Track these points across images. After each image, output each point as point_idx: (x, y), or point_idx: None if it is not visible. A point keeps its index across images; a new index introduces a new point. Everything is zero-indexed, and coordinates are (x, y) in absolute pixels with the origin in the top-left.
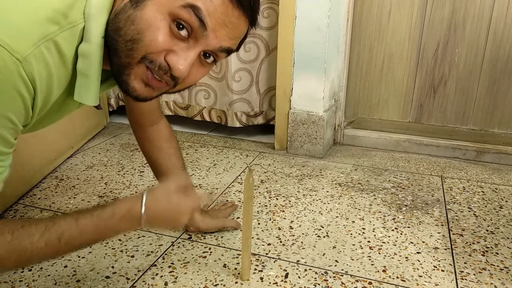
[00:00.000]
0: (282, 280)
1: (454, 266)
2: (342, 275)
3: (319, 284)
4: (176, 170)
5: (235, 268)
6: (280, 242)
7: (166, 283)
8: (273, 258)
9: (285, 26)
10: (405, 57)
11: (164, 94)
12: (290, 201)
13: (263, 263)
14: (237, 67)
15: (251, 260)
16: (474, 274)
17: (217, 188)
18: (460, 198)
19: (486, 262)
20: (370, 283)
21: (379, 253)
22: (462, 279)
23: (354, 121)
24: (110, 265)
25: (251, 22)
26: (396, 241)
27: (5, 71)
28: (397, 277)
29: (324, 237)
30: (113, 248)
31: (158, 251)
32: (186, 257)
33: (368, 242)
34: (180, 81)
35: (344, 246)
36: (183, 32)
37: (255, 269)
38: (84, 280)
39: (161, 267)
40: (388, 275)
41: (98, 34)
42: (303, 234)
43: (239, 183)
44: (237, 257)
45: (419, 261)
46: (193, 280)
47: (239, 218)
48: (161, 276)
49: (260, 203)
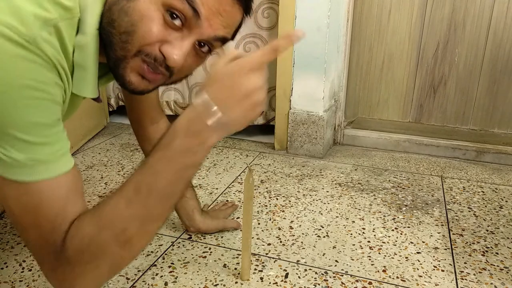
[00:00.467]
0: (282, 280)
1: (454, 266)
2: (342, 275)
3: (319, 284)
4: None
5: (235, 268)
6: (280, 242)
7: (166, 283)
8: (273, 258)
9: (285, 26)
10: (405, 57)
11: (165, 92)
12: (290, 201)
13: (263, 263)
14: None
15: (251, 260)
16: (474, 274)
17: (217, 188)
18: (460, 198)
19: (486, 262)
20: (370, 283)
21: (379, 253)
22: (462, 279)
23: (354, 121)
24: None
25: (245, 10)
26: (396, 241)
27: (17, 50)
28: (397, 277)
29: (324, 237)
30: None
31: (158, 251)
32: (186, 257)
33: (368, 242)
34: (175, 71)
35: (344, 246)
36: (177, 22)
37: (255, 269)
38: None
39: (161, 267)
40: (388, 275)
41: (93, 25)
42: (303, 234)
43: (239, 183)
44: (237, 257)
45: (419, 261)
46: (193, 280)
47: (239, 218)
48: (161, 276)
49: (260, 203)
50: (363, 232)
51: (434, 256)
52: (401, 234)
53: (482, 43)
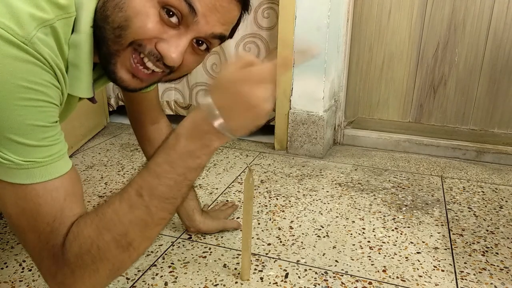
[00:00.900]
0: (282, 280)
1: (454, 266)
2: (342, 275)
3: (319, 284)
4: None
5: (235, 268)
6: (280, 242)
7: (166, 283)
8: (273, 258)
9: (285, 26)
10: (405, 57)
11: (165, 92)
12: (290, 201)
13: (263, 263)
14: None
15: (251, 260)
16: (474, 274)
17: (217, 188)
18: (460, 198)
19: (486, 262)
20: (370, 283)
21: (379, 253)
22: (462, 279)
23: (354, 121)
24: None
25: (243, 6)
26: (396, 241)
27: (14, 51)
28: (397, 277)
29: (324, 237)
30: None
31: (158, 251)
32: (186, 257)
33: (368, 242)
34: (174, 69)
35: (344, 246)
36: (173, 19)
37: (255, 269)
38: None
39: (161, 267)
40: (388, 275)
41: (87, 23)
42: (303, 234)
43: (239, 183)
44: (237, 257)
45: (419, 261)
46: (193, 280)
47: (239, 218)
48: (161, 276)
49: (260, 203)
50: (363, 232)
51: (434, 256)
52: (401, 234)
53: (482, 43)
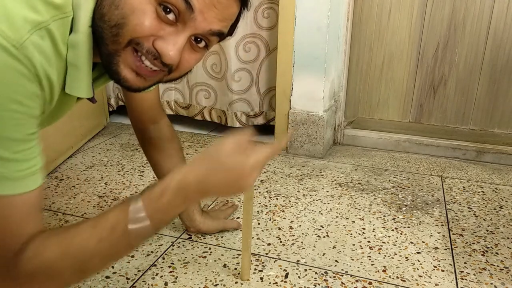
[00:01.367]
0: (282, 280)
1: (454, 266)
2: (342, 275)
3: (319, 284)
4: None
5: (235, 268)
6: (280, 242)
7: (166, 283)
8: (273, 258)
9: (285, 26)
10: (405, 57)
11: (166, 92)
12: (290, 201)
13: (263, 263)
14: (237, 67)
15: (251, 260)
16: (474, 274)
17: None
18: (460, 198)
19: (486, 262)
20: (370, 283)
21: (379, 253)
22: (462, 279)
23: (354, 121)
24: (110, 265)
25: (243, 3)
26: (396, 241)
27: (2, 57)
28: (397, 277)
29: (324, 237)
30: None
31: (158, 251)
32: (186, 257)
33: (368, 242)
34: (174, 68)
35: (344, 246)
36: (171, 16)
37: (255, 269)
38: (84, 280)
39: (161, 267)
40: (388, 275)
41: (85, 23)
42: (303, 234)
43: None
44: (237, 257)
45: (419, 261)
46: (193, 280)
47: (239, 218)
48: (161, 276)
49: (260, 203)
50: (363, 232)
51: (434, 256)
52: (401, 234)
53: (482, 43)
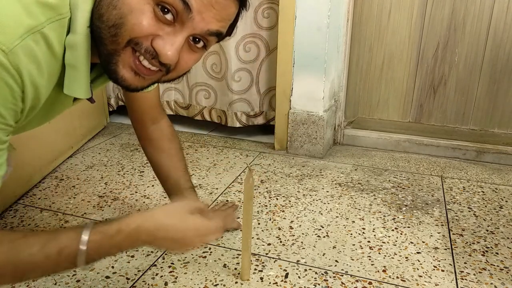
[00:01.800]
0: (282, 280)
1: (454, 266)
2: (342, 275)
3: (319, 284)
4: (183, 188)
5: (235, 268)
6: (280, 242)
7: (166, 283)
8: (273, 258)
9: (285, 26)
10: (405, 57)
11: (165, 92)
12: (290, 201)
13: (263, 263)
14: (237, 67)
15: (251, 260)
16: (474, 274)
17: (217, 188)
18: (460, 198)
19: (486, 262)
20: (370, 283)
21: (379, 253)
22: (462, 279)
23: (354, 121)
24: (110, 265)
25: (241, 3)
26: (396, 241)
27: None
28: (397, 277)
29: (324, 237)
30: None
31: (158, 251)
32: (186, 257)
33: (368, 242)
34: (172, 68)
35: (344, 246)
36: (168, 16)
37: (255, 269)
38: (84, 280)
39: (161, 267)
40: (388, 275)
41: (83, 23)
42: (303, 234)
43: (239, 183)
44: (237, 257)
45: (419, 261)
46: (193, 280)
47: (239, 218)
48: (161, 276)
49: (260, 203)
50: (363, 232)
51: (434, 256)
52: (401, 234)
53: (482, 43)
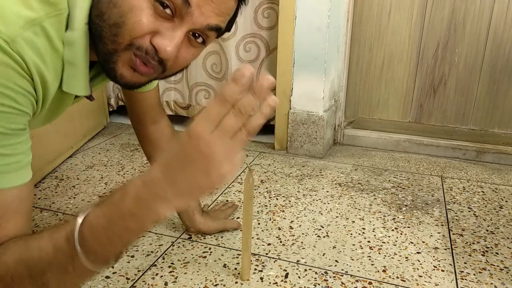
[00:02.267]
0: (282, 280)
1: (454, 266)
2: (342, 275)
3: (319, 284)
4: None
5: (235, 268)
6: (280, 242)
7: (166, 283)
8: (273, 258)
9: (285, 26)
10: (405, 57)
11: (165, 92)
12: (290, 201)
13: (263, 263)
14: (237, 67)
15: (251, 260)
16: (474, 274)
17: (217, 188)
18: (460, 198)
19: (486, 262)
20: (370, 283)
21: (379, 253)
22: (462, 279)
23: (354, 121)
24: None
25: None
26: (396, 241)
27: None
28: (397, 277)
29: (324, 237)
30: None
31: (158, 251)
32: (186, 257)
33: (368, 242)
34: (169, 64)
35: (344, 246)
36: (168, 11)
37: (255, 269)
38: None
39: (161, 267)
40: (388, 275)
41: (82, 20)
42: (303, 234)
43: (239, 183)
44: (237, 257)
45: (419, 261)
46: (193, 280)
47: (239, 218)
48: (161, 276)
49: (260, 203)
50: (363, 232)
51: (434, 256)
52: (401, 234)
53: (482, 43)
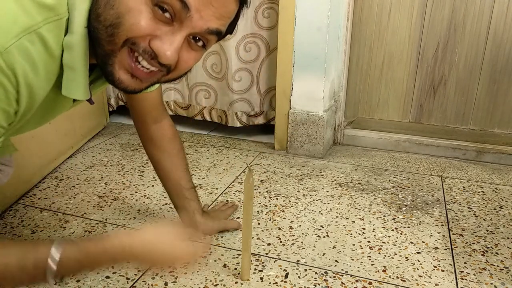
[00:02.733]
0: (282, 280)
1: (454, 266)
2: (342, 275)
3: (319, 284)
4: (184, 188)
5: (235, 268)
6: (280, 242)
7: (166, 283)
8: (273, 258)
9: (285, 26)
10: (405, 57)
11: (165, 92)
12: (290, 201)
13: (263, 263)
14: (237, 67)
15: (251, 260)
16: (474, 274)
17: (217, 188)
18: (460, 198)
19: (486, 262)
20: (370, 283)
21: (379, 253)
22: (462, 279)
23: (354, 121)
24: (110, 265)
25: (241, 0)
26: (396, 241)
27: None
28: (397, 277)
29: (324, 237)
30: None
31: None
32: None
33: (368, 242)
34: (172, 68)
35: (344, 246)
36: (167, 15)
37: (255, 269)
38: (84, 280)
39: (161, 267)
40: (388, 275)
41: (80, 23)
42: (303, 234)
43: (239, 183)
44: (237, 257)
45: (419, 261)
46: (193, 280)
47: (239, 218)
48: (161, 276)
49: (260, 203)
50: (363, 232)
51: (434, 256)
52: (401, 234)
53: (482, 43)
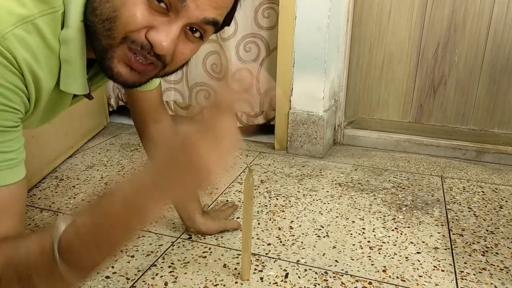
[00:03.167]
0: (282, 280)
1: (454, 266)
2: (342, 275)
3: (319, 284)
4: None
5: (235, 268)
6: (280, 242)
7: (166, 283)
8: (273, 258)
9: (285, 26)
10: (405, 57)
11: (165, 92)
12: (290, 201)
13: (263, 263)
14: (237, 67)
15: (251, 260)
16: (474, 274)
17: (217, 188)
18: (460, 198)
19: (486, 262)
20: (370, 283)
21: (379, 253)
22: (462, 279)
23: (354, 121)
24: (110, 265)
25: None
26: (396, 241)
27: None
28: (397, 277)
29: (324, 237)
30: None
31: (158, 251)
32: (186, 257)
33: (368, 242)
34: (168, 60)
35: (344, 246)
36: (162, 5)
37: (255, 269)
38: (84, 280)
39: (161, 267)
40: (388, 275)
41: (77, 17)
42: (303, 234)
43: (239, 183)
44: (237, 257)
45: (419, 261)
46: (193, 280)
47: (239, 218)
48: (161, 276)
49: (260, 203)
50: (363, 232)
51: (434, 256)
52: (401, 234)
53: (482, 43)
